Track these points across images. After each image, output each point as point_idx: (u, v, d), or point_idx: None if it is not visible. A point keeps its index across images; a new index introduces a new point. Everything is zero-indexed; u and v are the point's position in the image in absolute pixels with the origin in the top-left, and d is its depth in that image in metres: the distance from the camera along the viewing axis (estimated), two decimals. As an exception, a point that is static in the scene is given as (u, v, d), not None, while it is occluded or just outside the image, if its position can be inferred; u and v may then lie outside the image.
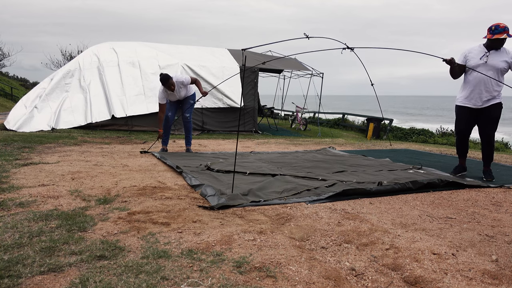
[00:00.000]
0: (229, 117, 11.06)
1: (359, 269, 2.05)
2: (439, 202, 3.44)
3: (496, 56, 4.22)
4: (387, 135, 15.07)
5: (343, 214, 2.98)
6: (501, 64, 4.19)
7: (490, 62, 4.21)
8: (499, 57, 4.21)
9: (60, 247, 2.14)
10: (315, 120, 18.55)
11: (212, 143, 7.89)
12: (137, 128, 9.83)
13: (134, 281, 1.80)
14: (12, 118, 9.24)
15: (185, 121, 6.21)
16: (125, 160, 5.16)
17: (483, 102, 4.30)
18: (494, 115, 4.33)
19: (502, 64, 4.19)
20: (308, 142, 8.94)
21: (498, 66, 4.19)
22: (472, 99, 4.37)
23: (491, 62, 4.21)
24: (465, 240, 2.49)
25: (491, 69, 4.19)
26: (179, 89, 5.91)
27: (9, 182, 3.60)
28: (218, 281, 1.84)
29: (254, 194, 3.41)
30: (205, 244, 2.27)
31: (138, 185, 3.70)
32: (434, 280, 1.93)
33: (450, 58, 4.19)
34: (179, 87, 5.89)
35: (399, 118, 35.70)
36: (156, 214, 2.80)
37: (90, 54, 10.72)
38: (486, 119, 4.36)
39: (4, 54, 29.54)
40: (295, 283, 1.86)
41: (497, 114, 4.33)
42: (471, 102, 4.38)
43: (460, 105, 4.50)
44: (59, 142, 6.88)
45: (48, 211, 2.76)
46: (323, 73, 14.19)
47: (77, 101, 9.77)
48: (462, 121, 4.53)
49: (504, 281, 1.95)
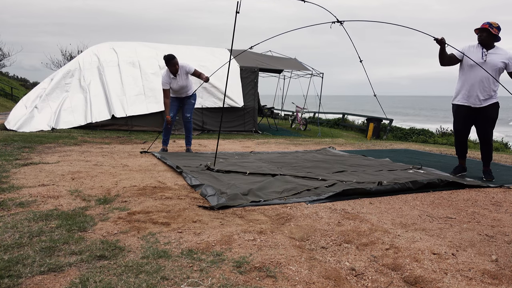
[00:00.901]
0: (229, 117, 11.06)
1: (359, 269, 2.06)
2: (439, 202, 3.44)
3: (494, 55, 4.23)
4: (387, 134, 15.07)
5: (343, 214, 2.98)
6: (500, 64, 4.21)
7: (490, 61, 4.21)
8: (498, 56, 4.23)
9: (60, 247, 2.15)
10: (315, 120, 18.55)
11: (212, 143, 7.89)
12: (137, 128, 9.84)
13: (134, 281, 1.80)
14: (13, 118, 9.25)
15: (185, 121, 6.20)
16: (125, 160, 5.16)
17: (481, 101, 4.30)
18: (491, 115, 4.33)
19: (501, 64, 4.21)
20: (308, 142, 8.94)
21: (497, 65, 4.20)
22: (470, 97, 4.34)
23: (490, 61, 4.21)
24: (465, 240, 2.49)
25: (490, 68, 4.18)
26: (182, 76, 5.89)
27: (9, 182, 3.60)
28: (218, 281, 1.84)
29: (254, 194, 3.41)
30: (205, 244, 2.27)
31: (138, 185, 3.70)
32: (434, 280, 1.93)
33: (441, 37, 4.17)
34: (183, 74, 5.88)
35: (399, 118, 35.69)
36: (156, 214, 2.80)
37: (90, 54, 10.72)
38: (484, 119, 4.36)
39: (4, 54, 29.58)
40: (295, 283, 1.86)
41: (494, 114, 4.33)
42: (469, 101, 4.36)
43: (458, 104, 4.48)
44: (59, 142, 6.88)
45: (48, 211, 2.76)
46: (323, 73, 14.20)
47: (77, 101, 9.77)
48: (459, 120, 4.52)
49: (504, 281, 1.95)
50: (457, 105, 4.50)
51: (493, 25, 4.21)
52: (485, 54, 4.24)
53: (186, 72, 5.89)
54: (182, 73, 5.88)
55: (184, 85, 5.93)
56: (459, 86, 4.45)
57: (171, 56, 5.75)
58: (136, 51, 10.86)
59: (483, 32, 4.25)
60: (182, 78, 5.89)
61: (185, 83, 5.93)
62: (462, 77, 4.43)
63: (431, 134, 15.75)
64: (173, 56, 5.76)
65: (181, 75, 5.88)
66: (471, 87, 4.31)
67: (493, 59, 4.21)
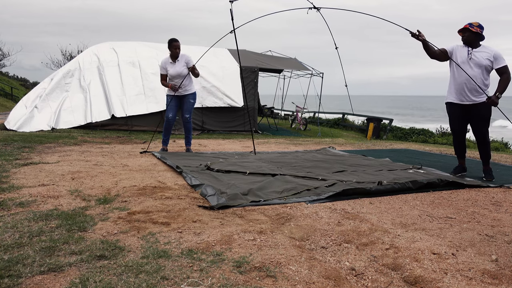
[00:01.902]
0: (229, 117, 11.06)
1: (359, 269, 2.06)
2: (439, 202, 3.44)
3: (479, 53, 4.32)
4: (387, 134, 15.07)
5: (343, 214, 2.98)
6: (485, 61, 4.28)
7: (474, 59, 4.30)
8: (483, 54, 4.31)
9: (60, 247, 2.15)
10: (315, 120, 18.55)
11: (212, 143, 7.89)
12: (137, 128, 9.84)
13: (134, 281, 1.80)
14: (13, 118, 9.25)
15: (185, 121, 6.21)
16: (125, 160, 5.16)
17: (471, 98, 4.36)
18: (484, 113, 4.37)
19: (486, 62, 4.28)
20: (308, 142, 8.94)
21: (482, 63, 4.28)
22: (459, 95, 4.43)
23: (475, 60, 4.30)
24: (465, 240, 2.49)
25: (476, 66, 4.29)
26: (181, 63, 5.98)
27: (9, 182, 3.60)
28: (218, 281, 1.84)
29: (254, 194, 3.41)
30: (205, 244, 2.27)
31: (138, 185, 3.70)
32: (434, 280, 1.93)
33: (416, 31, 4.27)
34: (182, 61, 5.98)
35: (399, 119, 35.66)
36: (156, 214, 2.80)
37: (90, 54, 10.71)
38: (477, 117, 4.41)
39: (4, 54, 29.58)
40: (295, 283, 1.86)
41: (487, 112, 4.37)
42: (458, 98, 4.45)
43: (450, 102, 4.57)
44: (59, 142, 6.88)
45: (48, 211, 2.76)
46: (323, 73, 14.20)
47: (77, 101, 9.77)
48: (454, 119, 4.59)
49: (504, 281, 1.95)
50: (449, 103, 4.59)
51: (473, 24, 4.34)
52: (470, 52, 4.34)
53: (186, 61, 6.01)
54: (182, 60, 6.01)
55: (180, 72, 6.00)
56: (450, 84, 4.57)
57: (174, 39, 6.00)
58: (136, 51, 10.86)
59: (465, 32, 4.40)
60: (180, 65, 6.00)
61: (182, 70, 6.00)
62: (452, 75, 4.53)
63: (431, 134, 15.75)
64: (176, 39, 5.99)
65: (180, 61, 6.01)
66: (459, 85, 4.41)
67: (478, 57, 4.30)
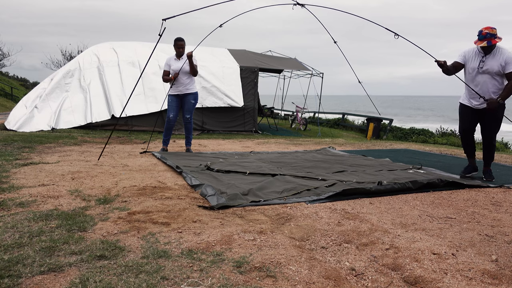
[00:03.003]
0: (229, 117, 11.06)
1: (359, 269, 2.06)
2: (439, 202, 3.44)
3: (491, 60, 4.24)
4: (387, 134, 15.07)
5: (343, 214, 2.98)
6: (496, 68, 4.21)
7: (486, 68, 4.24)
8: (495, 61, 4.23)
9: (60, 247, 2.15)
10: (315, 120, 18.55)
11: (212, 143, 7.89)
12: (137, 128, 9.83)
13: (134, 281, 1.80)
14: (13, 118, 9.25)
15: (185, 122, 6.21)
16: (125, 160, 5.16)
17: (483, 103, 4.32)
18: (496, 116, 4.35)
19: (498, 68, 4.21)
20: (308, 142, 8.94)
21: (493, 70, 4.22)
22: (473, 99, 4.42)
23: (487, 67, 4.24)
24: (465, 240, 2.49)
25: (487, 74, 4.24)
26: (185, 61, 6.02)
27: (9, 182, 3.60)
28: (218, 281, 1.84)
29: (254, 194, 3.41)
30: (205, 244, 2.27)
31: (138, 185, 3.70)
32: (434, 280, 1.93)
33: (443, 61, 4.30)
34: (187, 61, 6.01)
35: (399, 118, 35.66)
36: (156, 214, 2.80)
37: (90, 54, 10.71)
38: (489, 119, 4.39)
39: (4, 54, 29.58)
40: (295, 283, 1.86)
41: (499, 115, 4.35)
42: (471, 103, 4.44)
43: (462, 103, 4.56)
44: (59, 142, 6.88)
45: (48, 211, 2.76)
46: (323, 73, 14.20)
47: (77, 101, 9.77)
48: (464, 119, 4.58)
49: (504, 281, 1.95)
50: (462, 105, 4.58)
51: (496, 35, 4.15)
52: (482, 61, 4.27)
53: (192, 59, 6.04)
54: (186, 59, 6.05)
55: (183, 68, 6.03)
56: (465, 87, 4.54)
57: (179, 38, 6.13)
58: (136, 51, 10.85)
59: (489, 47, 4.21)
60: (183, 62, 6.05)
61: (184, 67, 6.05)
62: (465, 79, 4.50)
63: (431, 134, 15.75)
64: (181, 38, 6.13)
65: (184, 59, 6.08)
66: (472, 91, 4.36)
67: (489, 64, 4.23)
